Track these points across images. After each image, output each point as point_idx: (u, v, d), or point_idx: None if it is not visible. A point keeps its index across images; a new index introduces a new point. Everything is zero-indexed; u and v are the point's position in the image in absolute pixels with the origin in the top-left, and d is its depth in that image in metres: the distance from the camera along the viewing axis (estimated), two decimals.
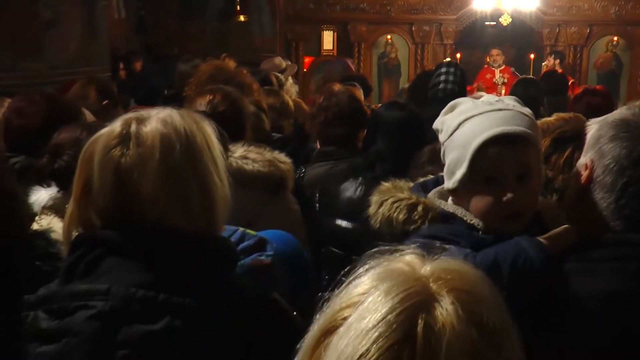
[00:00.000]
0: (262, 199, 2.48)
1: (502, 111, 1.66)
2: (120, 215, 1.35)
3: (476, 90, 8.66)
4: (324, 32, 11.79)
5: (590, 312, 1.40)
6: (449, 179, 1.69)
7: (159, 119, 1.38)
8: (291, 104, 4.61)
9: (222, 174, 1.42)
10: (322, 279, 2.77)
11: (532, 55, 10.50)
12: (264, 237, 1.77)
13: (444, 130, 1.74)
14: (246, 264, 1.63)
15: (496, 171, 1.61)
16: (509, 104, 1.69)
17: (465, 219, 1.66)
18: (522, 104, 1.72)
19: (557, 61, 10.00)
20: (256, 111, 3.34)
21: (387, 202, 1.72)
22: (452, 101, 1.80)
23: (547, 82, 5.89)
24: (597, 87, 5.57)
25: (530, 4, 9.41)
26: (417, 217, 1.67)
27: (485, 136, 1.60)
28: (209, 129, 1.44)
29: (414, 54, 11.69)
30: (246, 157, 2.46)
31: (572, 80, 8.33)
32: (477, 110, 1.68)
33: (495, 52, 10.72)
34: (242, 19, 10.60)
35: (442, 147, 1.77)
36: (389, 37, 11.79)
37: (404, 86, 8.62)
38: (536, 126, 1.69)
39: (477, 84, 9.89)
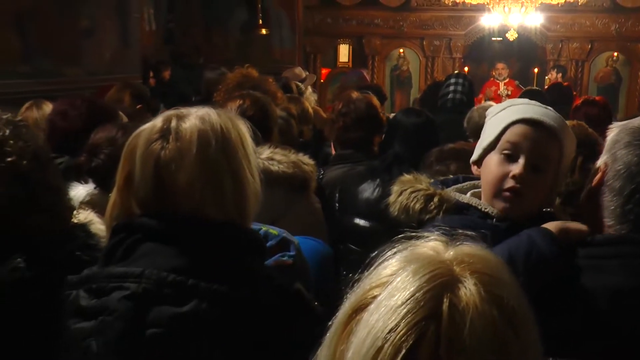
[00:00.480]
0: (287, 198, 2.47)
1: (544, 108, 1.70)
2: (158, 204, 1.36)
3: (483, 100, 8.64)
4: (340, 45, 11.80)
5: (597, 307, 1.38)
6: (477, 150, 1.73)
7: (197, 116, 1.38)
8: (311, 110, 4.62)
9: (254, 170, 1.43)
10: (339, 274, 2.76)
11: (536, 69, 10.47)
12: (286, 237, 1.75)
13: (490, 113, 1.78)
14: (269, 265, 1.62)
15: (515, 146, 1.62)
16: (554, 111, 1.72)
17: (479, 207, 1.67)
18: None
19: (560, 75, 9.98)
20: (287, 117, 3.37)
21: (406, 192, 1.73)
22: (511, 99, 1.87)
23: (553, 93, 5.88)
24: (597, 98, 5.54)
25: (535, 21, 9.36)
26: (432, 207, 1.68)
27: (520, 116, 1.64)
28: (244, 128, 1.44)
29: (425, 67, 11.69)
30: (272, 159, 2.46)
31: (574, 93, 8.29)
32: (524, 102, 1.74)
33: (500, 65, 10.68)
34: (263, 32, 10.63)
35: (484, 127, 1.80)
36: (401, 50, 11.79)
37: (417, 97, 8.62)
38: (569, 138, 1.68)
39: (482, 95, 9.86)
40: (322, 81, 11.51)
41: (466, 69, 10.61)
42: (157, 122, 1.39)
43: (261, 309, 1.29)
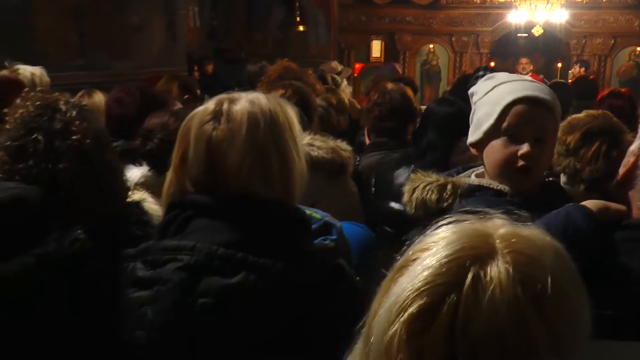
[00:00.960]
0: (325, 182, 2.47)
1: (532, 82, 1.70)
2: (209, 182, 1.35)
3: None
4: (373, 41, 11.77)
5: (633, 289, 1.33)
6: (475, 132, 1.70)
7: (247, 99, 1.38)
8: (347, 101, 4.60)
9: (300, 151, 1.41)
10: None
11: (560, 64, 10.28)
12: (329, 221, 1.74)
13: (478, 93, 1.76)
14: None
15: (519, 127, 1.62)
16: (535, 81, 1.73)
17: (491, 186, 1.67)
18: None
19: (583, 69, 9.77)
20: (326, 106, 3.37)
21: (419, 187, 1.72)
22: (490, 74, 1.83)
23: (579, 86, 5.74)
24: (622, 90, 5.39)
25: (560, 17, 9.18)
26: (448, 194, 1.67)
27: (516, 95, 1.63)
28: (291, 112, 1.43)
29: (453, 62, 11.59)
30: (312, 145, 2.46)
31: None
32: (512, 78, 1.72)
33: (524, 60, 10.50)
34: (301, 29, 10.64)
35: (473, 107, 1.78)
36: (431, 46, 11.70)
37: (446, 89, 8.53)
38: (557, 104, 1.69)
39: None
40: (355, 75, 11.47)
41: (492, 64, 10.44)
42: (210, 104, 1.39)
43: (305, 282, 1.28)
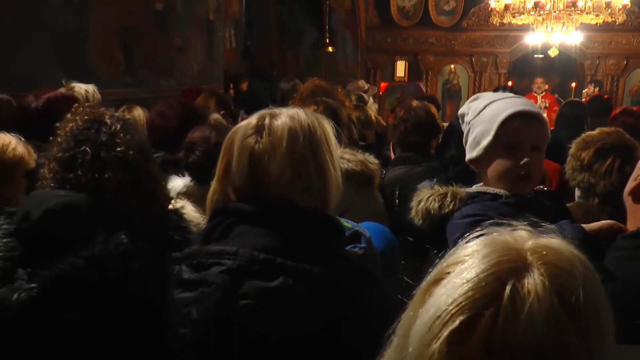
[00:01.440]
0: (354, 192, 2.47)
1: (519, 98, 1.77)
2: (251, 191, 1.36)
3: None
4: (398, 61, 11.71)
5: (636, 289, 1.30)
6: (474, 149, 1.77)
7: (288, 114, 1.39)
8: (373, 117, 4.60)
9: (336, 164, 1.42)
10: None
11: (574, 83, 10.12)
12: (359, 231, 1.74)
13: (471, 112, 1.81)
14: None
15: (517, 140, 1.69)
16: (520, 97, 1.81)
17: (488, 191, 1.75)
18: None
19: (597, 89, 9.63)
20: (348, 123, 3.35)
21: (423, 199, 1.82)
22: (475, 95, 1.92)
23: (593, 105, 5.64)
24: (634, 108, 5.31)
25: (574, 39, 9.05)
26: (448, 202, 1.75)
27: (510, 111, 1.69)
28: (328, 126, 1.44)
29: (473, 81, 11.48)
30: (342, 157, 2.46)
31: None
32: (499, 96, 1.79)
33: (539, 80, 10.35)
34: (330, 49, 10.68)
35: (466, 127, 1.84)
36: (452, 66, 11.61)
37: None
38: (544, 114, 1.79)
39: None
40: (381, 93, 11.46)
41: (510, 83, 10.36)
42: (253, 119, 1.40)
43: (339, 285, 1.28)
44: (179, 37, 7.13)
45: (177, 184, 2.40)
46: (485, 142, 1.72)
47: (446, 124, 3.49)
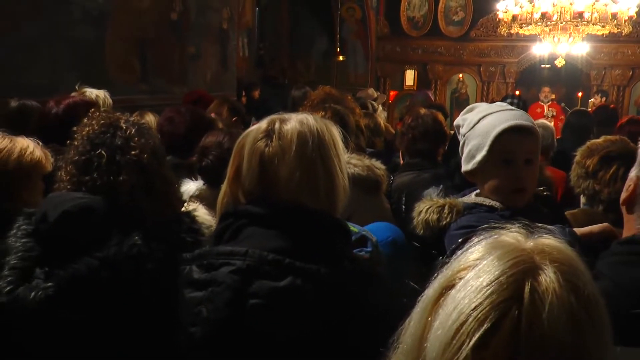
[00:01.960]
0: (361, 197, 2.47)
1: (513, 111, 1.76)
2: (261, 194, 1.37)
3: None
4: (407, 70, 11.72)
5: (633, 293, 1.29)
6: (469, 162, 1.77)
7: (297, 119, 1.40)
8: (382, 125, 4.60)
9: (344, 168, 1.43)
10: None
11: (580, 93, 10.06)
12: (365, 235, 1.74)
13: (465, 125, 1.82)
14: None
15: (511, 154, 1.70)
16: (515, 108, 1.79)
17: (485, 203, 1.76)
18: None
19: (603, 99, 9.56)
20: (356, 129, 3.36)
21: (423, 210, 1.83)
22: (469, 105, 1.91)
23: (599, 114, 5.59)
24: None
25: (581, 50, 9.00)
26: (446, 213, 1.77)
27: (504, 126, 1.69)
28: (336, 132, 1.44)
29: (481, 90, 11.46)
30: (349, 162, 2.46)
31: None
32: (493, 109, 1.77)
33: (546, 89, 10.31)
34: (340, 58, 10.69)
35: (462, 139, 1.85)
36: (460, 75, 11.60)
37: None
38: (536, 126, 1.78)
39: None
40: (390, 102, 11.46)
41: (517, 92, 10.31)
42: (263, 124, 1.41)
43: (347, 286, 1.29)
44: (193, 45, 7.18)
45: (190, 187, 2.41)
46: (479, 157, 1.73)
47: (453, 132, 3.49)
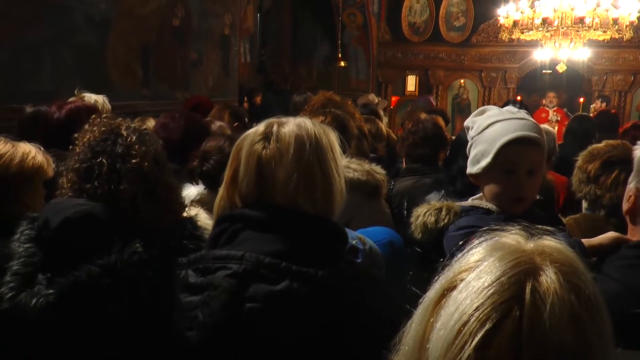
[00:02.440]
0: (360, 202, 2.46)
1: (522, 120, 1.76)
2: (258, 197, 1.37)
3: None
4: (408, 76, 11.72)
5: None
6: (474, 166, 1.80)
7: (295, 123, 1.40)
8: (384, 130, 4.59)
9: (341, 171, 1.42)
10: (406, 272, 2.71)
11: (582, 98, 10.05)
12: (355, 246, 1.72)
13: (475, 128, 1.84)
14: None
15: (514, 164, 1.72)
16: (526, 116, 1.80)
17: (482, 206, 1.79)
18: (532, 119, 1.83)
19: (604, 104, 9.54)
20: (360, 135, 3.36)
21: (421, 214, 1.88)
22: (482, 107, 1.92)
23: (601, 120, 5.58)
24: None
25: (582, 55, 9.00)
26: (443, 215, 1.81)
27: (510, 137, 1.70)
28: (333, 136, 1.44)
29: (483, 96, 11.44)
30: (348, 167, 2.46)
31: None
32: (503, 116, 1.78)
33: (551, 94, 10.29)
34: (342, 64, 10.68)
35: (470, 141, 1.86)
36: (462, 81, 11.59)
37: None
38: (543, 137, 1.79)
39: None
40: (392, 107, 11.46)
41: (519, 98, 10.29)
42: (260, 127, 1.41)
43: (344, 290, 1.28)
44: (194, 51, 7.20)
45: (191, 191, 2.41)
46: (484, 163, 1.75)
47: (455, 137, 3.48)
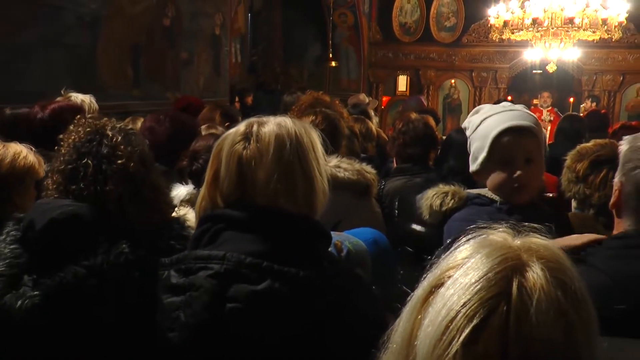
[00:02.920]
0: (351, 201, 2.45)
1: (513, 111, 1.80)
2: (239, 197, 1.36)
3: None
4: (399, 76, 11.75)
5: (630, 288, 1.29)
6: (473, 163, 1.85)
7: (275, 122, 1.39)
8: (374, 130, 4.58)
9: (323, 171, 1.41)
10: (398, 272, 2.71)
11: (572, 98, 10.11)
12: (333, 253, 1.71)
13: (470, 127, 1.88)
14: None
15: (508, 155, 1.75)
16: (518, 107, 1.83)
17: (487, 195, 1.84)
18: (528, 110, 1.87)
19: (594, 104, 9.61)
20: (350, 135, 3.35)
21: (429, 196, 1.93)
22: (477, 107, 1.95)
23: (591, 119, 5.61)
24: (633, 123, 5.31)
25: (572, 56, 9.05)
26: (448, 199, 1.86)
27: (500, 128, 1.74)
28: (314, 135, 1.43)
29: (473, 96, 11.49)
30: (339, 166, 2.46)
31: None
32: (494, 110, 1.82)
33: (545, 94, 10.26)
34: (333, 64, 10.70)
35: (468, 140, 1.91)
36: (453, 81, 11.63)
37: None
38: (539, 124, 1.82)
39: None
40: (383, 107, 11.47)
41: (509, 98, 10.33)
42: (241, 127, 1.40)
43: (326, 289, 1.28)
44: (185, 51, 7.18)
45: (181, 191, 2.39)
46: (480, 158, 1.79)
47: (445, 137, 3.48)
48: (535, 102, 10.57)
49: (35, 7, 4.85)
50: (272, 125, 1.37)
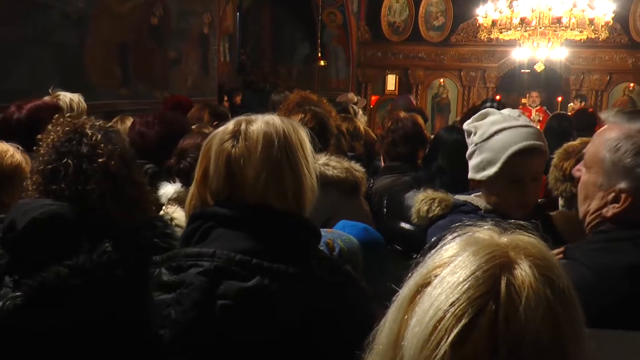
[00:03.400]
0: (339, 199, 2.45)
1: (527, 127, 1.79)
2: (228, 195, 1.36)
3: None
4: (388, 75, 11.78)
5: (613, 281, 1.29)
6: (478, 173, 1.82)
7: (263, 120, 1.39)
8: (362, 129, 4.58)
9: (311, 168, 1.42)
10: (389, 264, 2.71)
11: (560, 98, 10.18)
12: (322, 250, 1.70)
13: (479, 134, 1.84)
14: None
15: (520, 173, 1.75)
16: (529, 122, 1.83)
17: (473, 203, 1.85)
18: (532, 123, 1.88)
19: (582, 103, 9.67)
20: (338, 134, 3.34)
21: (419, 200, 1.94)
22: (483, 110, 1.93)
23: (579, 118, 5.65)
24: None
25: (560, 55, 9.12)
26: (435, 206, 1.87)
27: (517, 147, 1.73)
28: (303, 132, 1.43)
29: (462, 95, 11.55)
30: (327, 164, 2.46)
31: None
32: (507, 123, 1.80)
33: (534, 94, 10.34)
34: (322, 63, 10.70)
35: (472, 146, 1.88)
36: (441, 80, 11.69)
37: (456, 119, 8.47)
38: (546, 143, 1.83)
39: None
40: (371, 106, 11.48)
41: (498, 97, 10.36)
42: (229, 125, 1.40)
43: (316, 285, 1.28)
44: (173, 50, 7.14)
45: (169, 190, 2.37)
46: (490, 172, 1.77)
47: (434, 136, 3.48)
48: (523, 101, 10.63)
49: (21, 5, 4.79)
50: (260, 123, 1.38)
